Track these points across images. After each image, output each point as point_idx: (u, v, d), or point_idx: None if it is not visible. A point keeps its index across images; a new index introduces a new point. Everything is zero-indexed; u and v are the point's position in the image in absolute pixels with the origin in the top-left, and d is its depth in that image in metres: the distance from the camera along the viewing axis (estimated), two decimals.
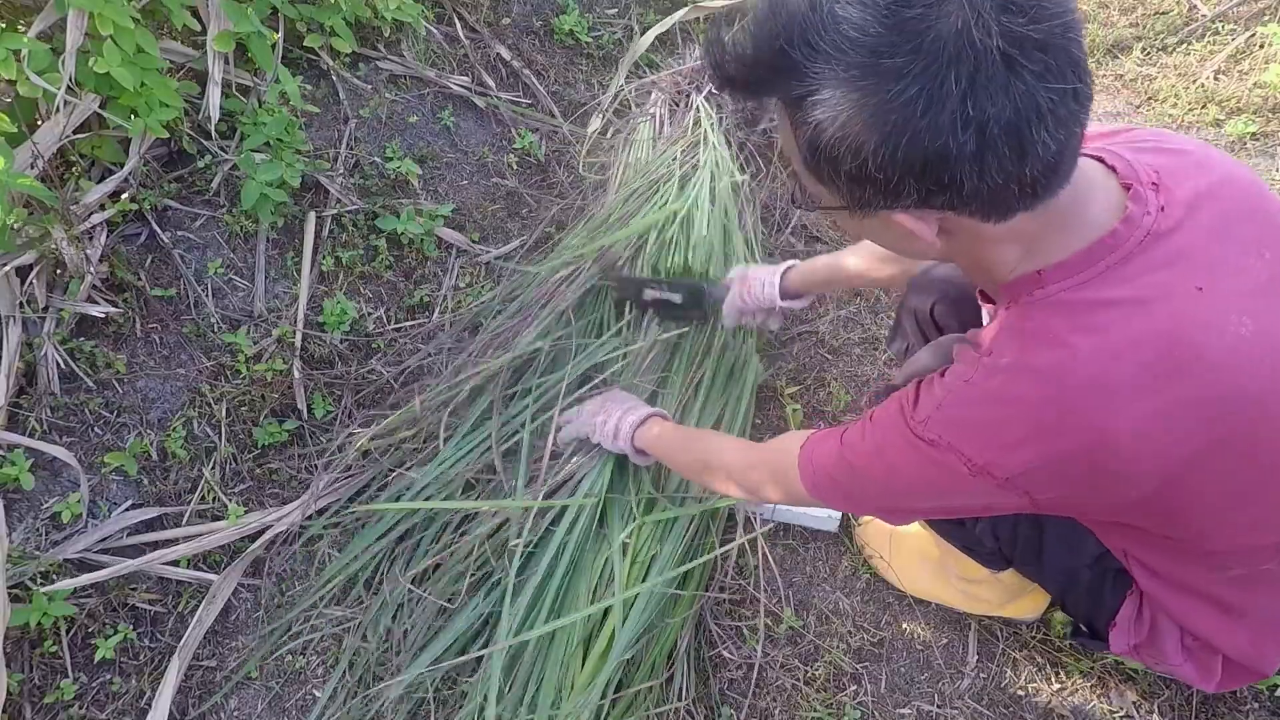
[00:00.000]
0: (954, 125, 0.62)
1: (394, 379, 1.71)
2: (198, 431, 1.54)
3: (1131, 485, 0.77)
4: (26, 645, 1.31)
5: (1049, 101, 0.62)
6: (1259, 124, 2.28)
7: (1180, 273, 0.74)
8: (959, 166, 0.64)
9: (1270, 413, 0.75)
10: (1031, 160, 0.64)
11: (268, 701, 1.37)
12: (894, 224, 0.74)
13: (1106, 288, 0.74)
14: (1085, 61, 0.64)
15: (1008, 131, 0.62)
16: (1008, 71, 0.61)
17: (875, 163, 0.65)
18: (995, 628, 1.44)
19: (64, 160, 1.60)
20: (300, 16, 1.87)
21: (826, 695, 1.38)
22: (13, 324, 1.45)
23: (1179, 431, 0.74)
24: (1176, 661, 1.04)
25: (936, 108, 0.61)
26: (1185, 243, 0.74)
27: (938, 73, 0.61)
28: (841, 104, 0.64)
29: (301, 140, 1.79)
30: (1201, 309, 0.73)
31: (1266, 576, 0.91)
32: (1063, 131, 0.64)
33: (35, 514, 1.39)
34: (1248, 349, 0.73)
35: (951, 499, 0.86)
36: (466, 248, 1.92)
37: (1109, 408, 0.73)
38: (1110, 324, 0.73)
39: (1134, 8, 2.76)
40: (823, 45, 0.64)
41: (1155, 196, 0.75)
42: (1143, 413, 0.73)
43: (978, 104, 0.61)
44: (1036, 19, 0.61)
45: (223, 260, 1.69)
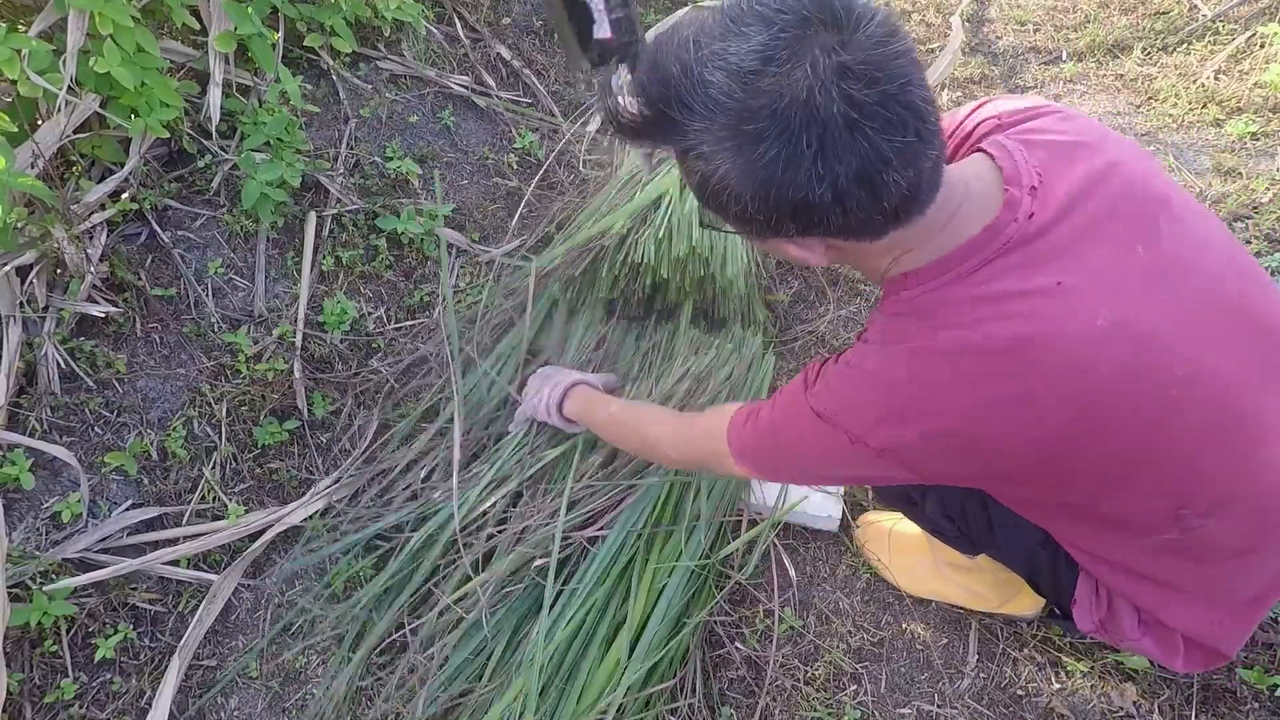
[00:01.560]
0: (810, 181, 0.71)
1: (394, 378, 1.72)
2: (198, 431, 1.54)
3: (1008, 460, 0.85)
4: (27, 645, 1.31)
5: (894, 150, 0.70)
6: (1259, 124, 2.28)
7: (1041, 272, 0.80)
8: (822, 211, 0.73)
9: (1124, 401, 0.80)
10: (886, 197, 0.73)
11: (268, 701, 1.37)
12: (782, 249, 0.84)
13: (966, 288, 0.82)
14: (925, 108, 0.72)
15: (858, 181, 0.71)
16: (850, 132, 0.69)
17: (753, 207, 0.75)
18: (995, 627, 1.44)
19: (64, 160, 1.60)
20: (300, 16, 1.87)
21: (826, 695, 1.38)
22: (13, 323, 1.45)
23: (1039, 413, 0.80)
24: (1135, 637, 1.06)
25: (794, 167, 0.70)
26: (1052, 244, 0.81)
27: (791, 138, 0.69)
28: (717, 160, 0.74)
29: (302, 140, 1.79)
30: (1055, 304, 0.79)
31: (1179, 547, 0.93)
32: (911, 169, 0.72)
33: (35, 514, 1.39)
34: (1102, 340, 0.79)
35: (846, 468, 0.95)
36: (466, 248, 1.92)
37: (960, 396, 0.82)
38: (965, 320, 0.81)
39: (1134, 8, 2.76)
40: (696, 107, 0.72)
41: (1030, 202, 0.82)
42: (998, 398, 0.80)
43: (827, 164, 0.70)
44: (872, 82, 0.68)
45: (223, 260, 1.69)
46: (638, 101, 0.77)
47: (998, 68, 2.60)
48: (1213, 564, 0.94)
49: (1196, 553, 0.93)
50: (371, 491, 1.57)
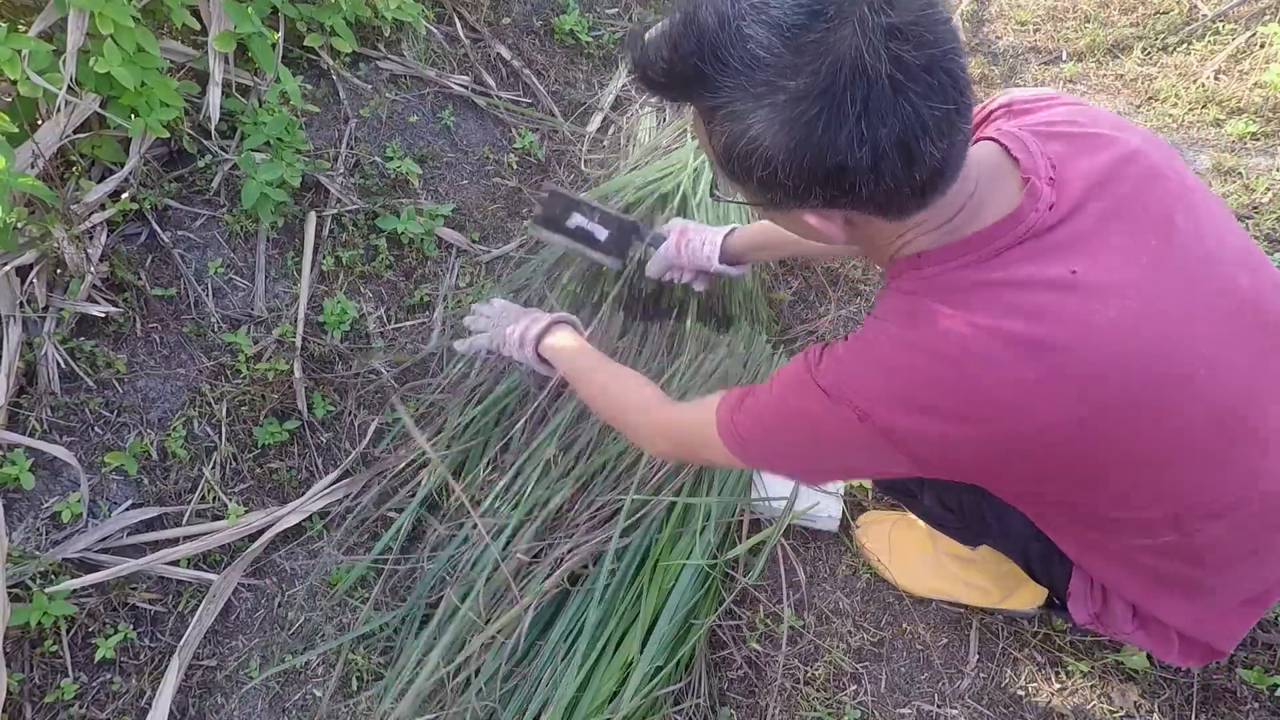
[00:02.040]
0: (850, 143, 0.68)
1: (394, 378, 1.72)
2: (198, 431, 1.54)
3: (1016, 454, 0.82)
4: (27, 645, 1.31)
5: (933, 118, 0.69)
6: (1259, 124, 2.28)
7: (1058, 260, 0.78)
8: (857, 176, 0.71)
9: (1134, 398, 0.79)
10: (919, 168, 0.71)
11: (268, 701, 1.37)
12: (803, 220, 0.81)
13: (985, 272, 0.80)
14: (964, 78, 0.71)
15: (898, 146, 0.69)
16: (895, 94, 0.67)
17: (783, 172, 0.72)
18: (996, 627, 1.44)
19: (64, 160, 1.60)
20: (300, 16, 1.87)
21: (826, 695, 1.38)
22: (13, 323, 1.45)
23: (1051, 403, 0.78)
24: (1129, 629, 1.05)
25: (835, 127, 0.68)
26: (1068, 234, 0.80)
27: (836, 95, 0.67)
28: (751, 118, 0.71)
29: (302, 140, 1.79)
30: (1070, 295, 0.77)
31: (1175, 549, 0.92)
32: (945, 141, 0.71)
33: (35, 514, 1.39)
34: (1112, 331, 0.77)
35: (847, 452, 0.90)
36: (466, 248, 1.92)
37: (972, 385, 0.78)
38: (980, 304, 0.79)
39: (1134, 7, 2.76)
40: (732, 61, 0.70)
41: (1050, 192, 0.80)
42: (1012, 388, 0.78)
43: (871, 125, 0.68)
44: (920, 45, 0.67)
45: (223, 260, 1.69)
46: (669, 54, 0.74)
47: (998, 68, 2.60)
48: (1209, 566, 0.94)
49: (1193, 555, 0.92)
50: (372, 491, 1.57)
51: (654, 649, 1.33)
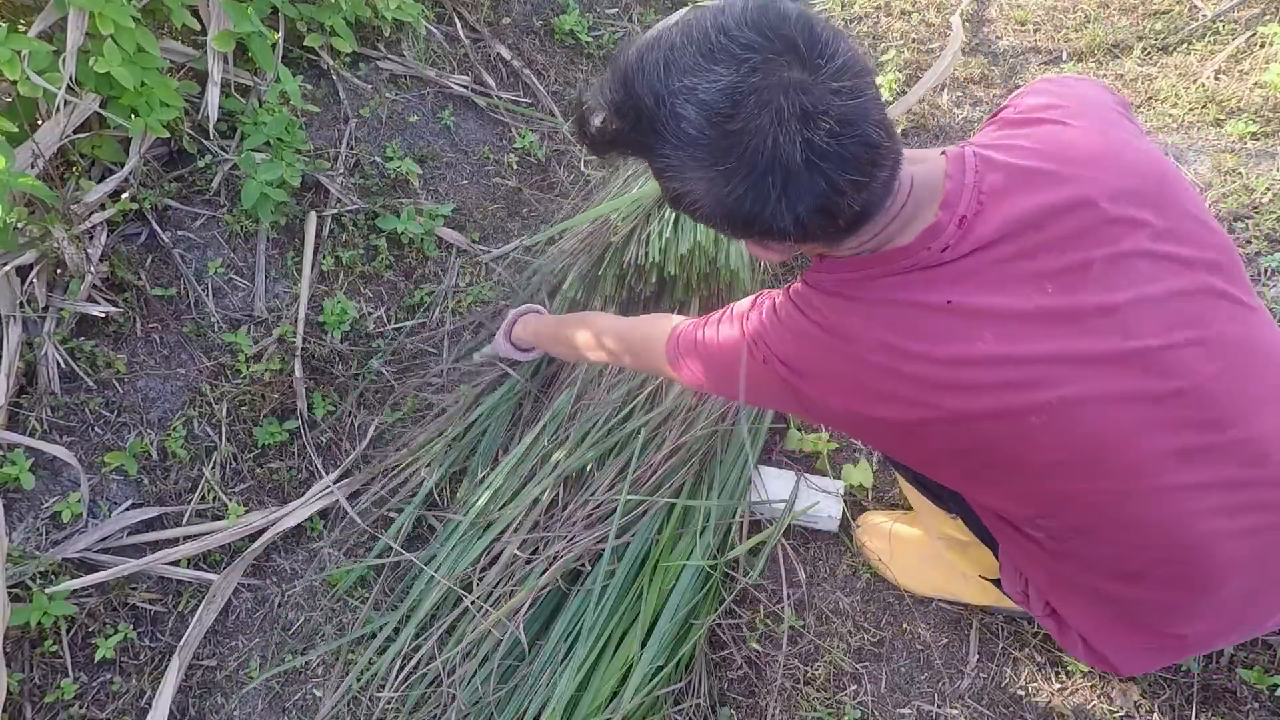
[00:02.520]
0: (775, 215, 0.78)
1: (394, 378, 1.72)
2: (198, 431, 1.54)
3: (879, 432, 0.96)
4: (27, 645, 1.31)
5: (848, 182, 0.77)
6: (1259, 124, 2.28)
7: (938, 292, 0.86)
8: (784, 231, 0.80)
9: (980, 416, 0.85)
10: (842, 217, 0.80)
11: (268, 701, 1.37)
12: (748, 247, 0.93)
13: (864, 290, 0.89)
14: (880, 136, 0.77)
15: (816, 212, 0.78)
16: (810, 173, 0.75)
17: (722, 225, 0.83)
18: (996, 626, 1.44)
19: (64, 160, 1.60)
20: (300, 16, 1.87)
21: (826, 695, 1.38)
22: (13, 323, 1.45)
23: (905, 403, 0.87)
24: (1038, 612, 1.09)
25: (760, 202, 0.77)
26: (959, 271, 0.86)
27: (758, 180, 0.76)
28: (690, 182, 0.80)
29: (302, 140, 1.79)
30: (940, 321, 0.85)
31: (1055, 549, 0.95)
32: (864, 192, 0.79)
33: (35, 514, 1.39)
34: (977, 360, 0.84)
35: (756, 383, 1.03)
36: (466, 247, 1.92)
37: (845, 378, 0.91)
38: (854, 312, 0.90)
39: (1134, 7, 2.76)
40: (668, 136, 0.78)
41: (955, 231, 0.85)
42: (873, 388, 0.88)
43: (789, 200, 0.77)
44: (832, 130, 0.74)
45: (223, 260, 1.69)
46: (611, 124, 0.82)
47: (998, 68, 2.60)
48: (1096, 575, 0.95)
49: (1075, 559, 0.95)
50: (371, 491, 1.57)
51: (654, 649, 1.34)
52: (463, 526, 1.49)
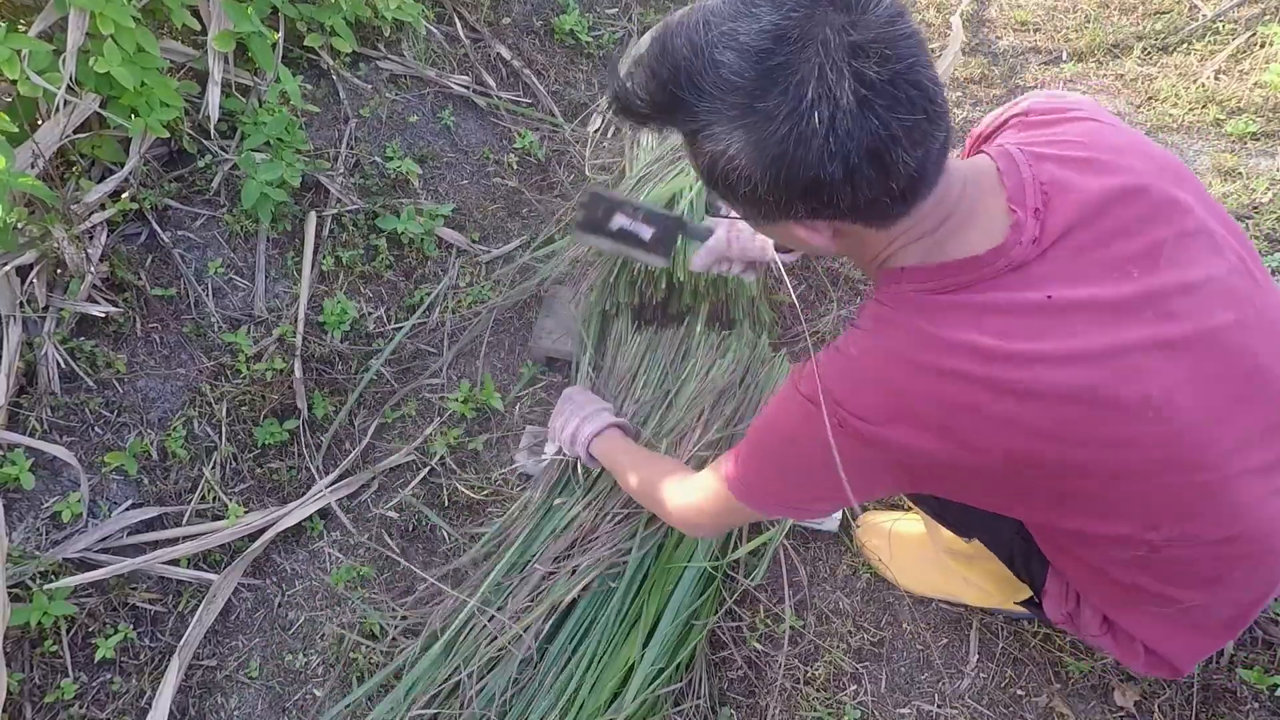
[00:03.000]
0: (822, 157, 0.71)
1: (394, 378, 1.72)
2: (198, 431, 1.54)
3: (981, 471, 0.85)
4: (27, 645, 1.31)
5: (902, 128, 0.71)
6: (1259, 124, 2.28)
7: (1034, 288, 0.81)
8: (832, 188, 0.73)
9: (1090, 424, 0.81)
10: (895, 177, 0.74)
11: (268, 701, 1.37)
12: (790, 232, 0.84)
13: (962, 295, 0.83)
14: (933, 88, 0.73)
15: (868, 158, 0.71)
16: (861, 109, 0.70)
17: (763, 188, 0.75)
18: (996, 626, 1.44)
19: (64, 160, 1.60)
20: (300, 16, 1.87)
21: (826, 695, 1.38)
22: (13, 323, 1.45)
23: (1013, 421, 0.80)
24: (1096, 633, 1.06)
25: (805, 144, 0.71)
26: (1049, 266, 0.82)
27: (803, 114, 0.70)
28: (728, 139, 0.74)
29: (302, 140, 1.79)
30: (1044, 318, 0.80)
31: (1143, 563, 0.93)
32: (919, 149, 0.73)
33: (35, 513, 1.39)
34: (1081, 358, 0.79)
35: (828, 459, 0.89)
36: (466, 247, 1.92)
37: (943, 406, 0.82)
38: (954, 322, 0.82)
39: (1134, 7, 2.76)
40: (706, 87, 0.73)
41: (1034, 225, 0.82)
42: (978, 395, 0.80)
43: (838, 139, 0.70)
44: (883, 61, 0.69)
45: (223, 260, 1.69)
46: (647, 84, 0.77)
47: (998, 68, 2.60)
48: (1176, 585, 0.94)
49: (1160, 572, 0.93)
50: (371, 491, 1.57)
51: (655, 650, 1.33)
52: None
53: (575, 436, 1.44)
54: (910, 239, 0.84)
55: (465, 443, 1.66)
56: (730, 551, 1.47)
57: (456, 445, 1.65)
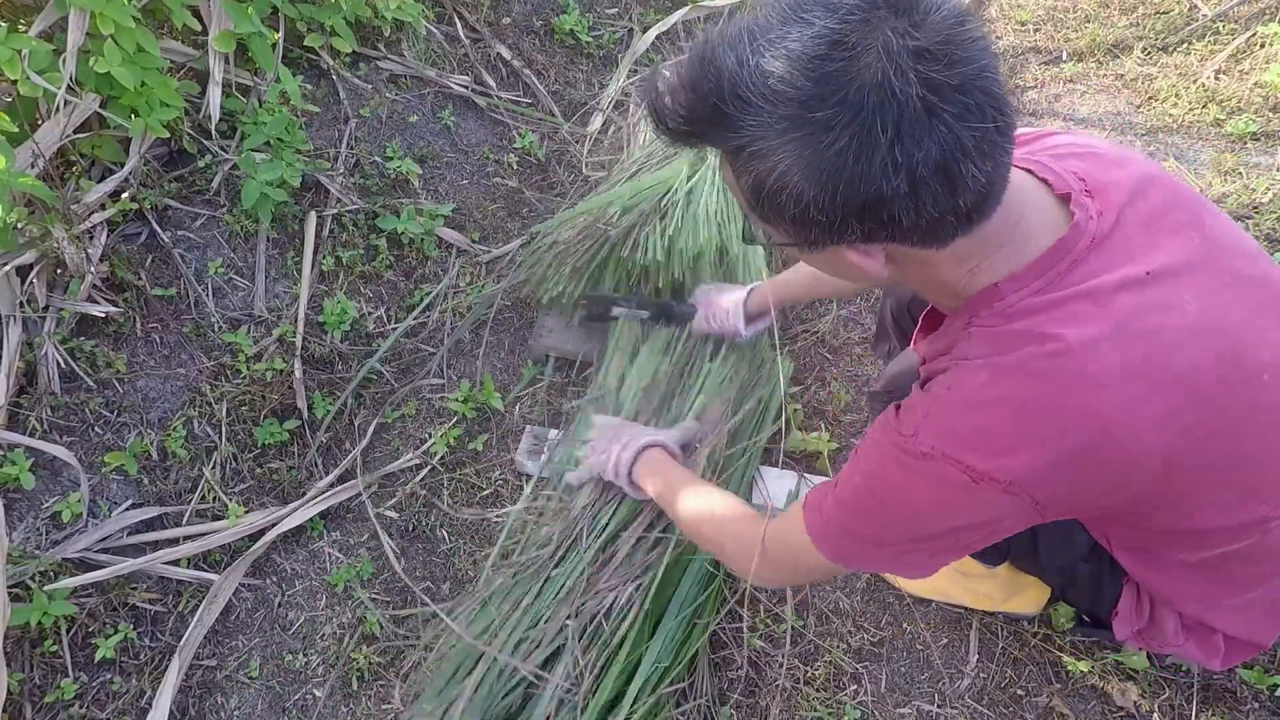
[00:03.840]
0: (885, 170, 0.65)
1: (394, 378, 1.72)
2: (198, 431, 1.54)
3: (1137, 469, 0.77)
4: (27, 644, 1.31)
5: (972, 138, 0.66)
6: (1259, 124, 2.28)
7: (1129, 266, 0.77)
8: (895, 206, 0.67)
9: (1229, 387, 0.77)
10: (963, 192, 0.68)
11: (268, 701, 1.37)
12: (842, 257, 0.77)
13: (1066, 287, 0.77)
14: (1003, 96, 0.68)
15: (936, 171, 0.66)
16: (929, 116, 0.64)
17: (816, 207, 0.68)
18: (996, 626, 1.44)
19: (64, 160, 1.60)
20: (300, 16, 1.87)
21: (826, 695, 1.38)
22: (13, 323, 1.45)
23: (1168, 408, 0.75)
24: (1179, 643, 1.05)
25: (867, 156, 0.65)
26: (1124, 239, 0.78)
27: (865, 123, 0.64)
28: (778, 154, 0.67)
29: (302, 140, 1.79)
30: (1153, 294, 0.76)
31: (1248, 553, 0.91)
32: (989, 163, 0.68)
33: (35, 513, 1.39)
34: (1198, 325, 0.76)
35: (958, 518, 0.82)
36: (466, 247, 1.92)
37: (1102, 394, 0.74)
38: (1080, 316, 0.75)
39: (1134, 7, 2.76)
40: (754, 99, 0.67)
41: (1092, 203, 0.79)
42: (1134, 395, 0.74)
43: (905, 149, 0.64)
44: (951, 64, 0.64)
45: (223, 260, 1.69)
46: (687, 99, 0.71)
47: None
48: (1274, 562, 0.92)
49: (1265, 550, 0.90)
50: (370, 491, 1.57)
51: (657, 650, 1.33)
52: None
53: (618, 466, 1.34)
54: (982, 256, 0.79)
55: (465, 442, 1.66)
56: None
57: (456, 445, 1.65)
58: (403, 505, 1.57)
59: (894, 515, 0.86)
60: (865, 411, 1.73)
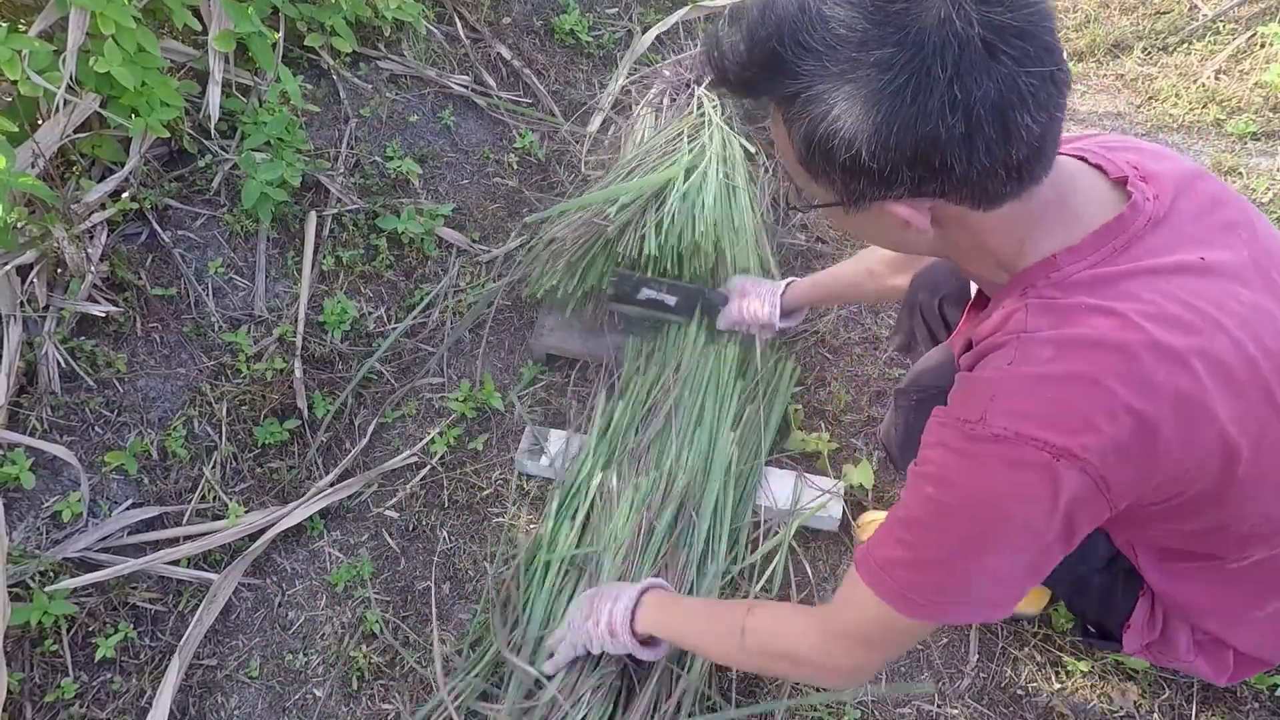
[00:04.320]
0: (942, 109, 0.65)
1: (394, 378, 1.72)
2: (198, 431, 1.54)
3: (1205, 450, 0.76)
4: (27, 644, 1.31)
5: (1029, 85, 0.65)
6: (1259, 123, 2.28)
7: (1182, 248, 0.77)
8: (949, 150, 0.67)
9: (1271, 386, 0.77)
10: (1016, 143, 0.67)
11: (268, 701, 1.37)
12: (887, 215, 0.75)
13: (1123, 264, 0.76)
14: (1060, 48, 0.68)
15: (993, 114, 0.65)
16: (989, 57, 0.64)
17: (868, 151, 0.68)
18: (996, 626, 1.44)
19: (65, 159, 1.60)
20: (301, 16, 1.87)
21: (826, 695, 1.38)
22: (13, 323, 1.45)
23: (1231, 391, 0.75)
24: (1189, 658, 1.05)
25: (925, 93, 0.64)
26: (1178, 226, 0.79)
27: (924, 61, 0.64)
28: (834, 97, 0.68)
29: (302, 139, 1.79)
30: (1210, 282, 0.76)
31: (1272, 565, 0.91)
32: (1043, 114, 0.67)
33: (36, 513, 1.39)
34: (1249, 316, 0.77)
35: (1039, 509, 0.75)
36: (466, 247, 1.92)
37: (1171, 371, 0.73)
38: (1141, 293, 0.75)
39: (1135, 8, 2.76)
40: (813, 44, 0.67)
41: (1147, 186, 0.80)
42: (1201, 373, 0.73)
43: (964, 87, 0.64)
44: (1013, 7, 0.64)
45: (223, 259, 1.69)
46: (746, 45, 0.71)
47: None
48: None
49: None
50: (370, 491, 1.57)
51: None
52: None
53: (613, 625, 1.15)
54: (1029, 227, 0.77)
55: (465, 442, 1.66)
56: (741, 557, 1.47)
57: (456, 445, 1.65)
58: (403, 505, 1.57)
59: (968, 521, 0.78)
60: (865, 411, 1.73)
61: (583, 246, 1.73)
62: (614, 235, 1.71)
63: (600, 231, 1.72)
